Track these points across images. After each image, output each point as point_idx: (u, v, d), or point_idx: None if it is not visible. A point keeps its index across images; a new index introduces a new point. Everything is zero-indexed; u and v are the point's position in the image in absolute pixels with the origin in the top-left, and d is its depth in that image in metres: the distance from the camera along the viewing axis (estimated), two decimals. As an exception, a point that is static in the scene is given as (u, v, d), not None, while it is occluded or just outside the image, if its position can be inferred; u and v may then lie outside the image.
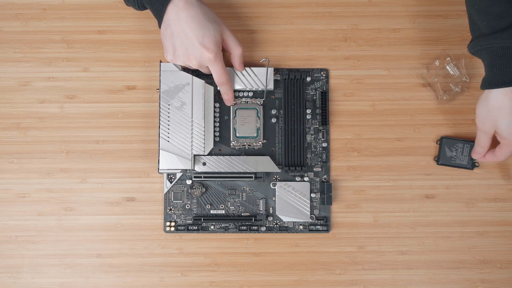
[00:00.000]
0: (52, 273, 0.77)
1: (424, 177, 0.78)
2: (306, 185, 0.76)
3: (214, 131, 0.77)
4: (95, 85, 0.79)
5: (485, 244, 0.78)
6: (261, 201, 0.77)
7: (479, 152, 0.74)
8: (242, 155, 0.77)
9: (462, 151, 0.77)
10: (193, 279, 0.77)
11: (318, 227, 0.77)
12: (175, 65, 0.74)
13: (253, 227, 0.76)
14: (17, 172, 0.77)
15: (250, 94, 0.78)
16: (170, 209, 0.77)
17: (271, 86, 0.76)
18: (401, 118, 0.79)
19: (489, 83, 0.68)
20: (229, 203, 0.77)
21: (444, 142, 0.77)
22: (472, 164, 0.77)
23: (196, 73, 0.76)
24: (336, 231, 0.78)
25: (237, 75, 0.76)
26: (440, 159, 0.77)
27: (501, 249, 0.78)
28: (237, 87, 0.76)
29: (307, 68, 0.79)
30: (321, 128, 0.78)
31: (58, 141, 0.78)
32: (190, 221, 0.77)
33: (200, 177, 0.76)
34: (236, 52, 0.73)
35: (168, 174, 0.77)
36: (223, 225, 0.76)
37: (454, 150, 0.77)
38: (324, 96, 0.78)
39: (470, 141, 0.77)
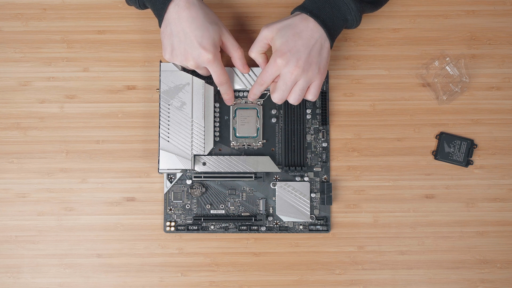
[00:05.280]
0: (52, 273, 0.77)
1: (424, 177, 0.78)
2: (306, 185, 0.76)
3: (214, 131, 0.77)
4: (95, 85, 0.79)
5: (485, 244, 0.78)
6: (261, 201, 0.77)
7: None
8: (242, 155, 0.77)
9: (460, 148, 0.77)
10: (193, 279, 0.77)
11: (318, 227, 0.77)
12: (175, 64, 0.74)
13: (253, 227, 0.76)
14: (17, 172, 0.77)
15: (250, 94, 0.78)
16: (170, 209, 0.77)
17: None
18: (401, 118, 0.79)
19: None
20: (229, 203, 0.77)
21: (443, 137, 0.78)
22: (467, 162, 0.78)
23: (196, 73, 0.76)
24: (336, 231, 0.78)
25: (237, 75, 0.76)
26: (438, 154, 0.77)
27: (501, 249, 0.78)
28: (237, 87, 0.76)
29: (307, 68, 0.79)
30: (321, 128, 0.78)
31: (58, 141, 0.78)
32: (190, 221, 0.77)
33: (200, 177, 0.76)
34: (236, 55, 0.73)
35: (168, 174, 0.77)
36: (223, 225, 0.76)
37: (452, 146, 0.77)
38: (324, 96, 0.78)
39: (468, 138, 0.78)
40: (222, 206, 0.77)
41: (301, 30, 0.69)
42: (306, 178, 0.77)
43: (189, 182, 0.77)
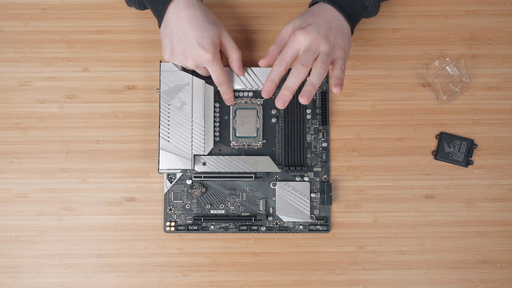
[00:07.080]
0: (52, 273, 0.77)
1: (424, 177, 0.78)
2: (306, 185, 0.76)
3: (214, 131, 0.77)
4: (95, 85, 0.79)
5: (485, 244, 0.78)
6: (261, 201, 0.77)
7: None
8: (242, 155, 0.77)
9: (460, 148, 0.77)
10: (193, 279, 0.77)
11: (318, 227, 0.77)
12: (175, 64, 0.74)
13: (253, 227, 0.76)
14: (17, 172, 0.77)
15: (250, 94, 0.78)
16: (170, 209, 0.77)
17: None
18: (401, 118, 0.79)
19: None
20: (229, 203, 0.77)
21: (443, 137, 0.78)
22: (467, 162, 0.78)
23: (196, 73, 0.76)
24: (336, 231, 0.78)
25: (237, 75, 0.76)
26: (439, 154, 0.77)
27: (501, 249, 0.78)
28: (237, 87, 0.76)
29: (307, 68, 0.79)
30: (321, 128, 0.78)
31: (58, 141, 0.78)
32: (190, 221, 0.77)
33: (200, 177, 0.76)
34: (233, 57, 0.73)
35: (168, 174, 0.77)
36: (223, 225, 0.76)
37: (452, 146, 0.77)
38: (324, 96, 0.78)
39: (468, 138, 0.78)
40: (222, 206, 0.77)
41: (319, 11, 0.68)
42: (306, 178, 0.77)
43: (189, 182, 0.77)
